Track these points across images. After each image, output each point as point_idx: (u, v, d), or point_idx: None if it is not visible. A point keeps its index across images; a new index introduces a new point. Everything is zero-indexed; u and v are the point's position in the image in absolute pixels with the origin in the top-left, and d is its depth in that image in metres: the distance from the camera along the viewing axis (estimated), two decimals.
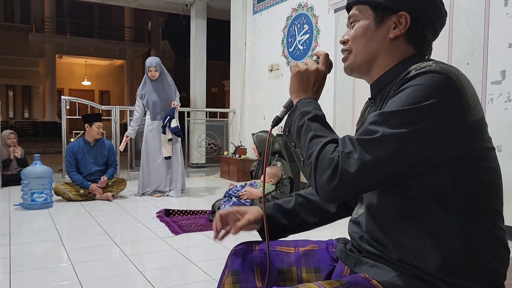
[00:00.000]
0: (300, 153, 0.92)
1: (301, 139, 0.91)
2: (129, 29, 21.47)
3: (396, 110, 0.80)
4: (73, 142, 4.74)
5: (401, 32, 0.94)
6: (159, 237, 3.07)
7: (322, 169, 0.83)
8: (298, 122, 0.93)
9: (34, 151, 9.51)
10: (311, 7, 5.07)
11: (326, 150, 0.84)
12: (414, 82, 0.82)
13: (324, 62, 1.01)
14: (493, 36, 3.14)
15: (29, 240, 3.03)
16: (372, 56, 0.96)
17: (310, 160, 0.86)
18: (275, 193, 3.39)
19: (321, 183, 0.83)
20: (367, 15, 0.96)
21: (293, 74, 1.00)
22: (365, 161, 0.78)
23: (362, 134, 0.82)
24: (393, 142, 0.78)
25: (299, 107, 0.95)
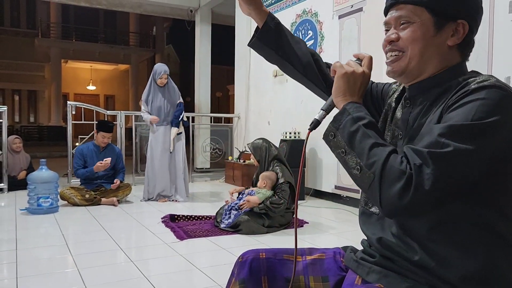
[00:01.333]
0: (353, 161, 0.87)
1: (354, 146, 0.87)
2: (134, 34, 21.59)
3: (466, 124, 0.79)
4: (83, 145, 4.79)
5: (459, 41, 0.94)
6: (165, 243, 3.08)
7: (390, 181, 0.79)
8: (350, 127, 0.88)
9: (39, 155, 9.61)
10: (316, 13, 5.09)
11: (393, 160, 0.80)
12: (479, 95, 0.81)
13: (369, 65, 0.98)
14: (498, 43, 3.14)
15: (36, 245, 3.05)
16: (427, 61, 0.94)
17: (372, 169, 0.82)
18: (273, 198, 3.39)
19: (389, 196, 0.79)
20: (425, 18, 0.93)
21: (339, 76, 0.96)
22: (439, 177, 0.77)
23: (432, 146, 0.79)
24: (465, 157, 0.78)
25: (349, 111, 0.91)
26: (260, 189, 3.46)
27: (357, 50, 4.44)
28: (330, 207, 4.54)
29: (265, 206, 3.34)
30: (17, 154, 5.62)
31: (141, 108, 4.84)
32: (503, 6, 3.10)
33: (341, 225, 3.71)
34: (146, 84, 4.87)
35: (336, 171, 4.72)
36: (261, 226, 3.32)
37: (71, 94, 20.74)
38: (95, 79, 21.81)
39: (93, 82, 21.62)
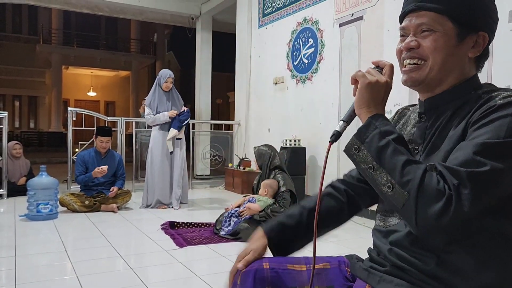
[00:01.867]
0: (383, 178, 0.83)
1: (385, 162, 0.83)
2: (135, 41, 21.68)
3: (500, 142, 0.78)
4: (84, 151, 4.79)
5: (479, 53, 0.93)
6: (164, 250, 3.07)
7: (428, 201, 0.77)
8: (378, 142, 0.84)
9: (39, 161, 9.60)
10: (316, 21, 5.12)
11: (429, 179, 0.78)
12: (507, 111, 0.80)
13: (390, 74, 0.94)
14: (497, 52, 3.15)
15: (34, 251, 3.04)
16: (448, 72, 0.93)
17: (407, 188, 0.78)
18: (274, 206, 3.38)
19: (427, 217, 0.77)
20: (447, 27, 0.91)
21: (363, 86, 0.91)
22: (478, 197, 0.76)
23: (467, 165, 0.77)
24: (502, 176, 0.77)
25: (376, 124, 0.87)
26: (261, 197, 3.46)
27: (357, 58, 4.45)
28: None
29: (265, 214, 3.34)
30: (17, 160, 5.61)
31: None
32: (503, 16, 3.12)
33: (342, 232, 3.69)
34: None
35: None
36: None
37: (72, 100, 20.78)
38: (96, 85, 21.87)
39: (93, 88, 21.67)
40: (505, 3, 3.10)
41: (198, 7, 8.14)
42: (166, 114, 4.63)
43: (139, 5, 7.63)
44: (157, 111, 4.69)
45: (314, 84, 5.14)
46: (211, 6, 7.85)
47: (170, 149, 4.66)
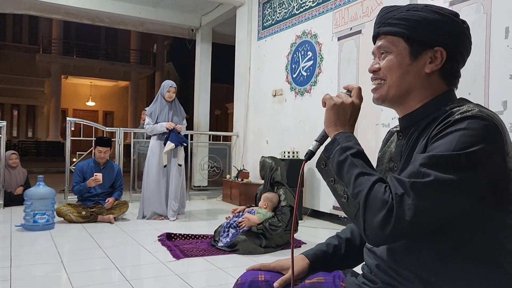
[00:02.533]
0: (341, 190, 0.89)
1: (343, 175, 0.89)
2: (134, 51, 21.78)
3: (447, 154, 0.80)
4: (83, 162, 4.78)
5: (437, 68, 0.95)
6: (160, 262, 3.05)
7: (373, 211, 0.80)
8: (338, 157, 0.90)
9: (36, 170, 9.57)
10: (315, 35, 5.16)
11: (376, 190, 0.82)
12: (461, 126, 0.83)
13: (358, 95, 1.00)
14: (494, 67, 3.18)
15: (30, 262, 3.01)
16: (407, 89, 0.97)
17: (357, 199, 0.83)
18: (273, 220, 3.37)
19: (372, 226, 0.80)
20: (401, 47, 0.96)
21: (328, 107, 0.98)
22: (420, 207, 0.78)
23: (413, 176, 0.81)
24: (446, 187, 0.79)
25: (338, 141, 0.93)
26: (261, 209, 3.45)
27: (356, 71, 4.49)
28: (327, 227, 4.51)
29: (263, 227, 3.33)
30: (14, 169, 5.60)
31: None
32: (499, 32, 3.15)
33: None
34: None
35: None
36: (258, 246, 3.30)
37: (70, 110, 20.80)
38: (95, 95, 21.91)
39: (92, 98, 21.71)
40: (501, 20, 3.13)
41: (198, 19, 8.21)
42: (164, 124, 4.64)
43: (139, 16, 7.69)
44: (157, 121, 4.70)
45: (313, 97, 5.17)
46: (211, 18, 7.91)
47: (164, 163, 4.66)
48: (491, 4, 3.21)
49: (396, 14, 0.98)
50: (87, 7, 7.21)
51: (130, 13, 7.58)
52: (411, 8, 0.97)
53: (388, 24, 0.98)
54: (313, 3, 5.21)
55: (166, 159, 4.66)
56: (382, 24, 0.99)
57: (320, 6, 5.09)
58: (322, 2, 5.05)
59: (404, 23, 0.96)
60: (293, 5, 5.60)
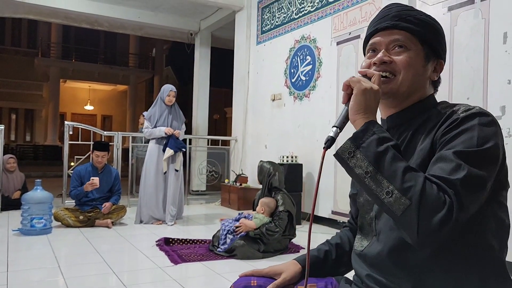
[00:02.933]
0: (380, 184, 0.82)
1: (384, 167, 0.82)
2: (133, 56, 21.80)
3: (475, 150, 0.83)
4: (81, 166, 4.76)
5: (437, 77, 1.02)
6: (158, 267, 3.03)
7: (430, 209, 0.77)
8: (376, 147, 0.84)
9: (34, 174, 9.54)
10: (314, 39, 5.17)
11: (429, 187, 0.78)
12: (474, 122, 0.86)
13: (379, 83, 0.94)
14: (493, 72, 3.19)
15: (27, 267, 2.99)
16: (415, 89, 0.99)
17: (408, 195, 0.78)
18: (270, 225, 3.36)
19: (430, 225, 0.77)
20: (418, 48, 0.98)
21: (359, 91, 0.90)
22: (474, 202, 0.80)
23: (453, 172, 0.80)
24: (483, 182, 0.82)
25: (373, 130, 0.86)
26: (258, 214, 3.43)
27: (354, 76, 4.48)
28: (326, 232, 4.50)
29: (260, 232, 3.32)
30: (11, 173, 5.57)
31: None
32: (497, 37, 3.16)
33: None
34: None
35: (333, 196, 4.70)
36: (256, 251, 3.29)
37: (69, 114, 20.77)
38: (93, 99, 21.89)
39: (91, 102, 21.69)
40: (499, 25, 3.14)
41: (197, 23, 8.22)
42: (162, 129, 4.63)
43: (138, 20, 7.69)
44: (156, 125, 4.69)
45: (312, 101, 5.17)
46: (210, 23, 7.93)
47: (164, 169, 4.65)
48: (489, 9, 3.22)
49: (416, 14, 0.99)
50: (86, 11, 7.21)
51: (129, 17, 7.59)
52: (427, 15, 1.01)
53: (408, 21, 0.98)
54: (312, 8, 5.22)
55: (166, 165, 4.65)
56: (402, 19, 0.98)
57: (319, 11, 5.11)
58: (321, 7, 5.06)
59: (425, 26, 0.98)
60: (292, 9, 5.61)
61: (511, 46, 3.08)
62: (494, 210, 0.88)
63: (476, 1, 3.32)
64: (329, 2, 4.93)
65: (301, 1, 5.43)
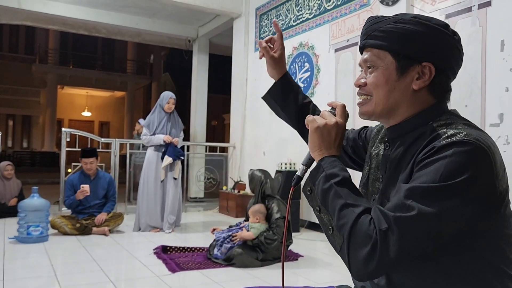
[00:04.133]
0: (327, 220, 0.86)
1: (328, 205, 0.86)
2: (131, 62, 21.80)
3: (432, 186, 0.77)
4: (73, 175, 4.74)
5: (425, 84, 0.91)
6: (156, 275, 3.01)
7: (357, 245, 0.78)
8: (323, 185, 0.87)
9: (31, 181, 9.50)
10: (312, 46, 5.18)
11: (361, 223, 0.79)
12: (446, 153, 0.78)
13: (341, 114, 0.97)
14: (490, 80, 3.20)
15: (23, 275, 2.96)
16: (394, 105, 0.93)
17: (342, 232, 0.81)
18: (268, 233, 3.34)
19: (356, 261, 0.79)
20: (388, 62, 0.92)
21: (312, 130, 0.94)
22: (404, 243, 0.75)
23: (397, 209, 0.78)
24: (430, 221, 0.76)
25: (323, 167, 0.89)
26: (254, 224, 3.41)
27: (353, 83, 4.49)
28: (325, 240, 4.47)
29: (258, 240, 3.30)
30: (8, 180, 5.55)
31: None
32: (495, 45, 3.17)
33: (336, 259, 3.65)
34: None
35: None
36: (254, 259, 3.26)
37: (66, 120, 20.72)
38: (91, 106, 21.86)
39: (88, 108, 21.65)
40: (497, 33, 3.15)
41: (196, 30, 8.23)
42: (161, 137, 4.62)
43: (136, 27, 7.70)
44: (154, 133, 4.68)
45: None
46: (208, 29, 7.94)
47: (162, 178, 4.63)
48: (487, 17, 3.24)
49: (382, 26, 0.92)
50: (84, 18, 7.22)
51: (127, 24, 7.60)
52: (398, 20, 0.91)
53: (374, 36, 0.93)
54: (310, 15, 5.24)
55: (163, 174, 4.63)
56: (368, 36, 0.95)
57: (317, 18, 5.12)
58: (319, 14, 5.08)
59: (391, 36, 0.91)
60: (290, 16, 5.63)
61: (508, 53, 3.09)
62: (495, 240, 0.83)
63: (474, 9, 3.33)
64: (327, 10, 4.95)
65: (299, 8, 5.45)
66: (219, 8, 6.58)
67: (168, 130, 4.71)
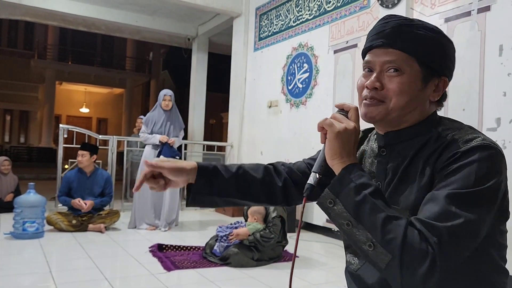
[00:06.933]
0: (362, 235, 0.78)
1: (363, 218, 0.78)
2: (130, 59, 21.77)
3: (470, 192, 0.78)
4: (70, 171, 4.74)
5: (439, 96, 0.93)
6: (151, 273, 3.00)
7: (413, 262, 0.73)
8: (354, 197, 0.80)
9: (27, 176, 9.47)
10: (311, 47, 5.18)
11: (410, 237, 0.74)
12: (473, 158, 0.80)
13: (356, 118, 0.90)
14: (488, 84, 3.20)
15: (18, 271, 2.96)
16: (407, 114, 0.91)
17: (389, 248, 0.75)
18: (264, 232, 3.35)
19: (414, 280, 0.74)
20: (415, 70, 0.88)
21: (332, 136, 0.85)
22: (459, 252, 0.76)
23: (443, 218, 0.76)
24: (475, 225, 0.77)
25: (351, 178, 0.82)
26: (251, 223, 3.42)
27: (351, 85, 4.50)
28: (321, 241, 4.49)
29: (255, 239, 3.30)
30: (5, 176, 5.53)
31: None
32: (493, 49, 3.18)
33: (332, 260, 3.66)
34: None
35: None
36: (250, 259, 3.27)
37: (64, 116, 20.68)
38: (89, 102, 21.82)
39: (86, 105, 21.62)
40: (496, 37, 3.16)
41: (195, 29, 8.23)
42: (157, 137, 4.64)
43: (136, 24, 7.69)
44: (153, 131, 4.69)
45: (308, 109, 5.17)
46: (208, 28, 7.94)
47: None
48: (486, 22, 3.24)
49: (415, 29, 0.88)
50: (84, 14, 7.20)
51: (127, 21, 7.58)
52: (424, 27, 0.89)
53: (405, 39, 0.88)
54: (310, 16, 5.24)
55: None
56: (398, 36, 0.88)
57: (316, 19, 5.12)
58: (319, 15, 5.08)
59: (422, 44, 0.88)
60: (290, 17, 5.63)
61: (506, 58, 3.10)
62: (496, 237, 0.86)
63: (473, 13, 3.34)
64: (326, 11, 4.95)
65: (299, 9, 5.45)
66: (219, 7, 6.57)
67: (166, 130, 4.72)
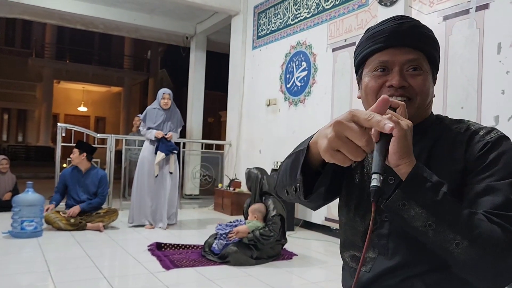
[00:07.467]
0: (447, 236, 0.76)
1: (445, 218, 0.76)
2: (128, 57, 21.72)
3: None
4: (67, 169, 4.75)
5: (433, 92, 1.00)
6: (150, 272, 3.00)
7: (504, 253, 0.76)
8: (434, 196, 0.76)
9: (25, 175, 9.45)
10: (310, 45, 5.18)
11: (494, 230, 0.77)
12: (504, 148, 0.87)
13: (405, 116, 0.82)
14: (487, 82, 3.21)
15: (16, 271, 2.95)
16: (426, 109, 0.97)
17: (478, 243, 0.75)
18: (263, 230, 3.35)
19: (507, 270, 0.76)
20: (428, 69, 0.95)
21: (402, 135, 0.75)
22: None
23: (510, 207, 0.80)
24: None
25: (426, 177, 0.77)
26: (251, 221, 3.43)
27: (350, 83, 4.50)
28: (319, 239, 4.49)
29: (254, 237, 3.30)
30: (3, 175, 5.52)
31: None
32: (492, 47, 3.18)
33: (330, 258, 3.66)
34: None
35: None
36: (249, 258, 3.27)
37: (62, 115, 20.63)
38: (87, 101, 21.77)
39: (84, 103, 21.56)
40: (494, 36, 3.16)
41: (193, 27, 8.21)
42: (153, 132, 4.67)
43: (134, 23, 7.67)
44: (148, 127, 4.71)
45: (307, 107, 5.17)
46: (206, 27, 7.93)
47: (156, 173, 4.64)
48: (484, 20, 3.25)
49: (424, 30, 0.95)
50: (82, 13, 7.18)
51: (125, 20, 7.56)
52: (427, 29, 0.97)
53: (422, 40, 0.94)
54: (308, 14, 5.24)
55: (157, 169, 4.63)
56: (416, 37, 0.93)
57: (315, 17, 5.12)
58: (317, 14, 5.08)
59: (432, 44, 0.96)
60: (288, 15, 5.62)
61: (505, 56, 3.10)
62: None
63: (471, 11, 3.34)
64: (325, 9, 4.95)
65: (297, 7, 5.45)
66: (217, 6, 6.56)
67: (166, 128, 4.73)
